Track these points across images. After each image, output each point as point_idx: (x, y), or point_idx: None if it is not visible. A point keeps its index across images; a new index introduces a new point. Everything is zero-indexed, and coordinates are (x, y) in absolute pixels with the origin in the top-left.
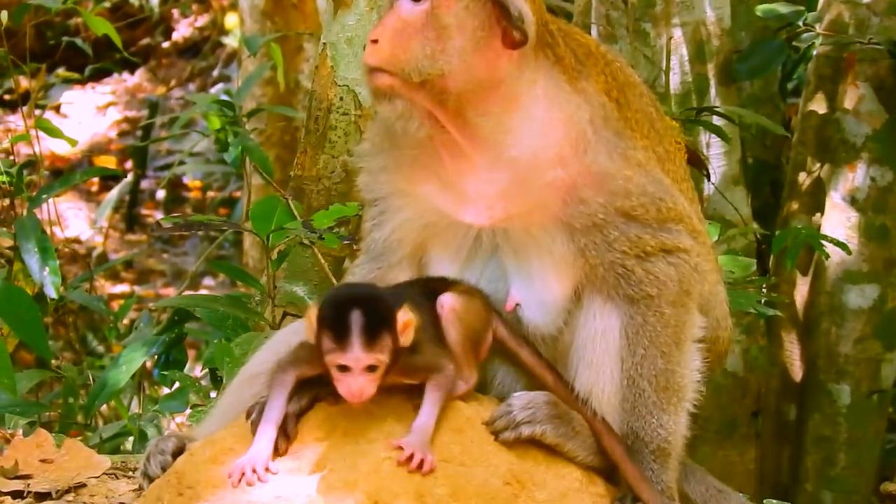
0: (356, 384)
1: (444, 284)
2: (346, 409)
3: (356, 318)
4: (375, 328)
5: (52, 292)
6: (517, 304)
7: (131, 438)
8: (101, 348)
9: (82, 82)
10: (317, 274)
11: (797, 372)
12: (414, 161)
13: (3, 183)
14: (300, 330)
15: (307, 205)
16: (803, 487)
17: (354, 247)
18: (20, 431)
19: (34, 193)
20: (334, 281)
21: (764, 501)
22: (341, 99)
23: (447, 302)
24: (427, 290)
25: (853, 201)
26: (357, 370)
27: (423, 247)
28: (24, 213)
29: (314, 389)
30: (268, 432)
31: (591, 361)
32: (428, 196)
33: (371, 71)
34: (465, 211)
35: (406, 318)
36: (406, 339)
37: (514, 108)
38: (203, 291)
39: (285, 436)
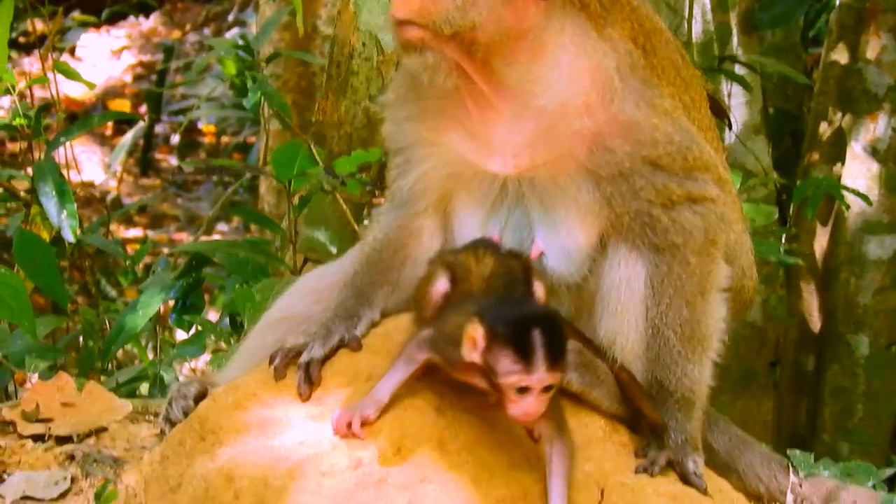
0: (534, 406)
1: None
2: (370, 355)
3: (540, 339)
4: (558, 347)
5: (69, 236)
6: (541, 253)
7: (146, 384)
8: (114, 293)
9: (97, 26)
10: (338, 220)
11: (816, 323)
12: (439, 111)
13: (21, 126)
14: (322, 275)
15: (328, 150)
16: (821, 438)
17: (376, 193)
18: (36, 376)
19: (51, 137)
20: (356, 227)
21: (787, 452)
22: (363, 44)
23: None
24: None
25: (874, 152)
26: (537, 391)
27: (448, 196)
28: (42, 156)
29: (340, 335)
30: (379, 395)
31: (615, 310)
32: (453, 145)
33: (400, 23)
34: (490, 160)
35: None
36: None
37: (541, 57)
38: (216, 237)
39: (309, 382)
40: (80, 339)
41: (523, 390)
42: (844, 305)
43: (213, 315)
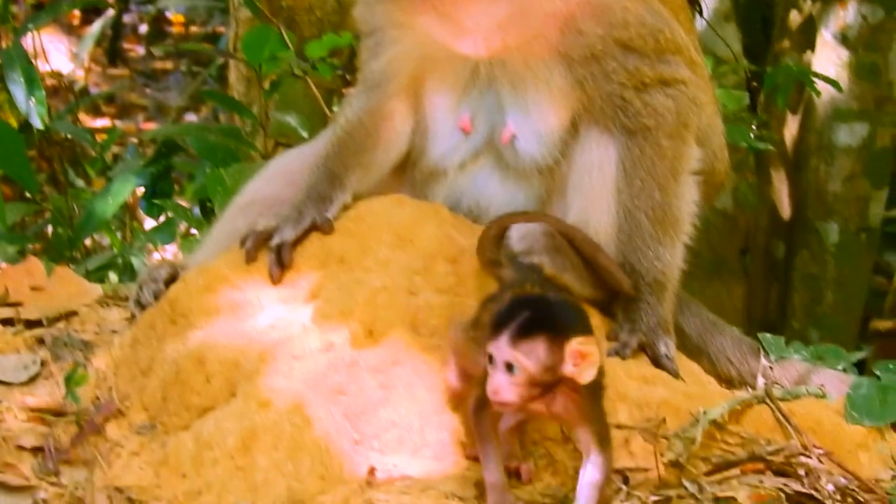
0: (494, 380)
1: None
2: (342, 237)
3: (520, 313)
4: (532, 329)
5: (37, 122)
6: (513, 136)
7: (115, 272)
8: (82, 183)
9: None
10: (309, 104)
11: (786, 210)
12: None
13: None
14: (293, 158)
15: (299, 35)
16: (790, 325)
17: (347, 77)
18: (4, 262)
19: (19, 25)
20: (327, 111)
21: (758, 335)
22: None
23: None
24: None
25: (844, 39)
26: (498, 363)
27: (420, 78)
28: (10, 43)
29: (312, 218)
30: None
31: (587, 193)
32: (425, 27)
33: None
34: (462, 42)
35: (587, 349)
36: (580, 372)
37: None
38: None
39: (280, 264)
40: (50, 226)
41: (491, 360)
42: (814, 193)
43: (183, 204)
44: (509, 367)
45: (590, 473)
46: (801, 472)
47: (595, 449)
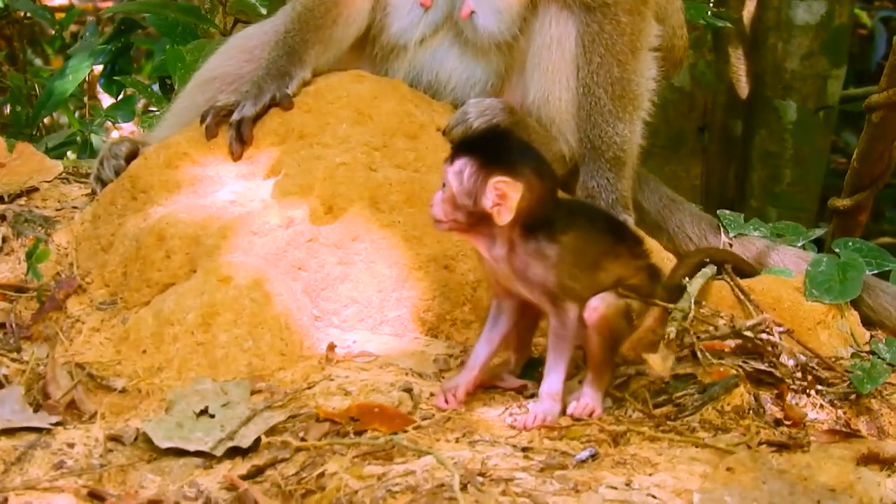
0: (433, 197)
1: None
2: (302, 113)
3: (478, 139)
4: (468, 152)
5: None
6: (472, 12)
7: (74, 153)
8: (40, 62)
9: None
10: None
11: (743, 88)
12: None
13: None
14: (253, 34)
15: None
16: (749, 203)
17: None
18: None
19: None
20: None
21: (717, 212)
22: None
23: (598, 306)
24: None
25: None
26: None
27: None
28: None
29: (272, 93)
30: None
31: (546, 69)
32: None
33: None
34: None
35: (507, 190)
36: (497, 211)
37: None
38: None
39: (240, 140)
40: (8, 105)
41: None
42: (772, 70)
43: (143, 82)
44: (444, 186)
45: (550, 340)
46: (767, 345)
47: (552, 311)
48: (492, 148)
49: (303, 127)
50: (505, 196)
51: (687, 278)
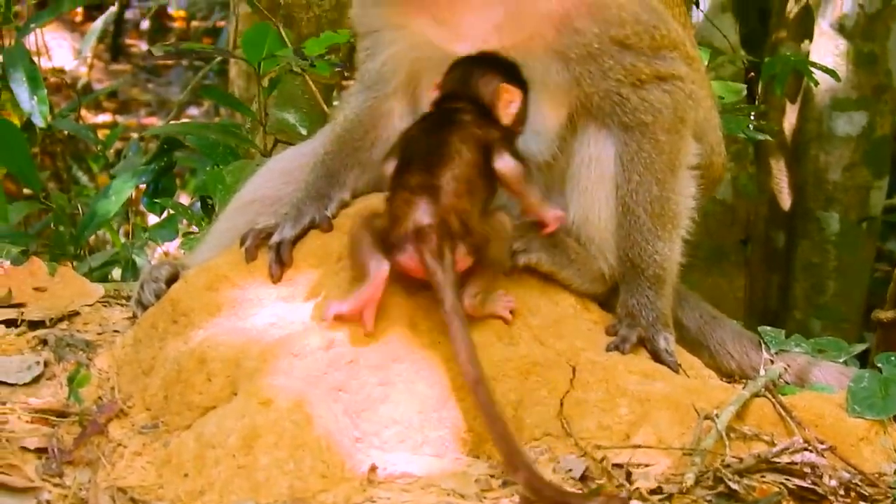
0: None
1: None
2: (341, 235)
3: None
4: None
5: (40, 121)
6: None
7: (119, 269)
8: (85, 179)
9: None
10: (307, 101)
11: (786, 199)
12: None
13: None
14: (292, 156)
15: (297, 32)
16: (792, 315)
17: (346, 74)
18: (8, 262)
19: (21, 24)
20: (325, 108)
21: (759, 329)
22: None
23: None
24: None
25: (842, 28)
26: None
27: (417, 78)
28: (12, 42)
29: (311, 216)
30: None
31: (585, 188)
32: (421, 30)
33: None
34: (459, 45)
35: (510, 91)
36: (506, 114)
37: None
38: (187, 121)
39: (280, 262)
40: (53, 224)
41: None
42: (814, 182)
43: (184, 200)
44: None
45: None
46: (805, 467)
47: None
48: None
49: (342, 249)
50: (512, 102)
51: (716, 412)
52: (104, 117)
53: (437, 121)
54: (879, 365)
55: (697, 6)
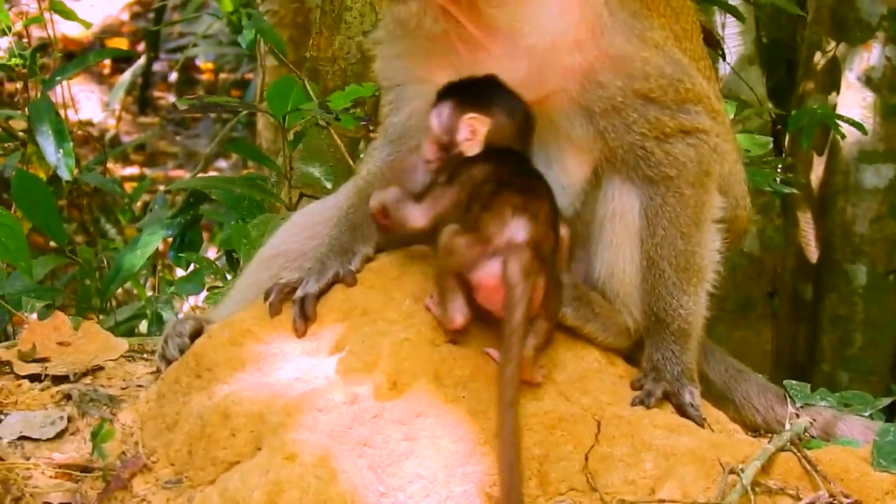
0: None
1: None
2: (365, 289)
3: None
4: (441, 96)
5: (66, 175)
6: None
7: (145, 322)
8: (113, 231)
9: None
10: (332, 155)
11: (813, 252)
12: (429, 51)
13: (17, 66)
14: (317, 210)
15: (323, 86)
16: (819, 367)
17: (371, 127)
18: (35, 315)
19: (47, 76)
20: (350, 162)
21: (784, 382)
22: None
23: (445, 236)
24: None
25: (868, 81)
26: None
27: None
28: (38, 95)
29: (335, 270)
30: None
31: (610, 242)
32: (444, 83)
33: None
34: None
35: (474, 122)
36: (468, 145)
37: None
38: (214, 174)
39: (304, 317)
40: (79, 278)
41: None
42: (841, 234)
43: (211, 252)
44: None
45: None
46: None
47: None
48: (468, 89)
49: (366, 303)
50: (475, 131)
51: (741, 466)
52: (132, 170)
53: (516, 160)
54: None
55: (724, 59)
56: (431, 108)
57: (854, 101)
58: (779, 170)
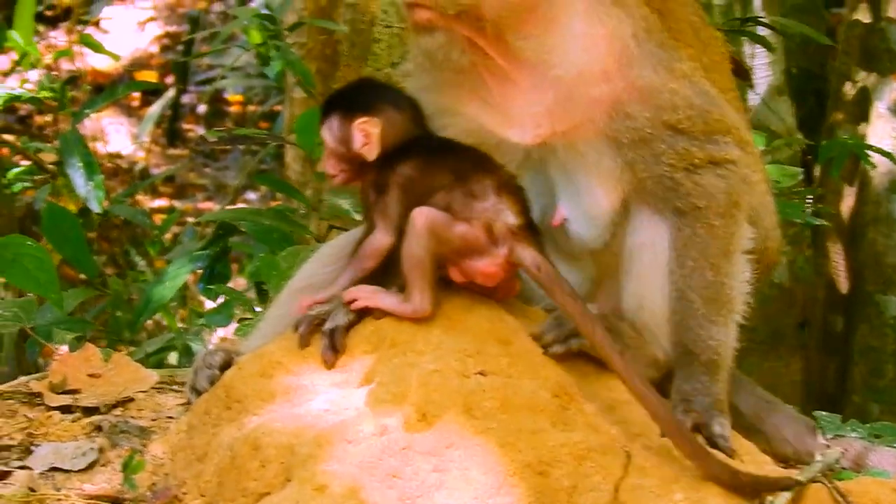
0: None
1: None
2: (395, 321)
3: (331, 95)
4: (327, 109)
5: (96, 207)
6: (565, 219)
7: (175, 354)
8: (142, 263)
9: None
10: None
11: (843, 283)
12: (458, 83)
13: (47, 98)
14: (346, 242)
15: None
16: (850, 399)
17: None
18: (66, 347)
19: (77, 109)
20: None
21: (814, 413)
22: (385, 12)
23: (421, 218)
24: (475, 166)
25: None
26: None
27: None
28: (68, 128)
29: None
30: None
31: (639, 274)
32: (473, 116)
33: (409, 6)
34: (511, 131)
35: (365, 126)
36: (367, 150)
37: (555, 27)
38: (243, 206)
39: (334, 349)
40: (109, 309)
41: None
42: (872, 265)
43: (241, 283)
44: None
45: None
46: None
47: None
48: (351, 97)
49: (395, 334)
50: (369, 134)
51: (770, 499)
52: (161, 202)
53: (434, 142)
54: None
55: (754, 89)
56: (321, 125)
57: (884, 132)
58: (809, 201)
